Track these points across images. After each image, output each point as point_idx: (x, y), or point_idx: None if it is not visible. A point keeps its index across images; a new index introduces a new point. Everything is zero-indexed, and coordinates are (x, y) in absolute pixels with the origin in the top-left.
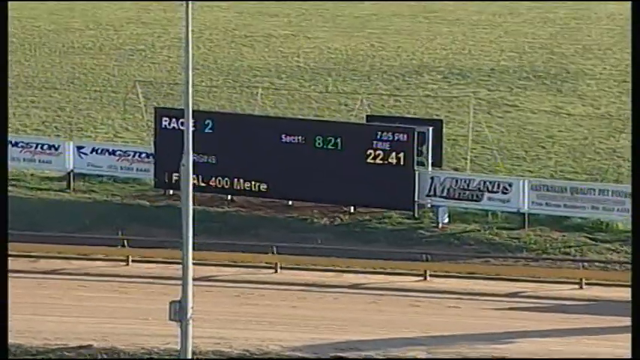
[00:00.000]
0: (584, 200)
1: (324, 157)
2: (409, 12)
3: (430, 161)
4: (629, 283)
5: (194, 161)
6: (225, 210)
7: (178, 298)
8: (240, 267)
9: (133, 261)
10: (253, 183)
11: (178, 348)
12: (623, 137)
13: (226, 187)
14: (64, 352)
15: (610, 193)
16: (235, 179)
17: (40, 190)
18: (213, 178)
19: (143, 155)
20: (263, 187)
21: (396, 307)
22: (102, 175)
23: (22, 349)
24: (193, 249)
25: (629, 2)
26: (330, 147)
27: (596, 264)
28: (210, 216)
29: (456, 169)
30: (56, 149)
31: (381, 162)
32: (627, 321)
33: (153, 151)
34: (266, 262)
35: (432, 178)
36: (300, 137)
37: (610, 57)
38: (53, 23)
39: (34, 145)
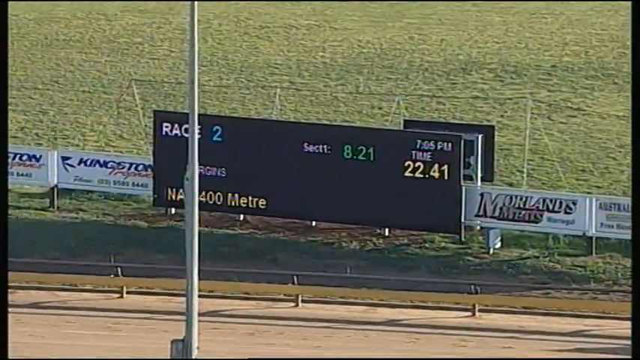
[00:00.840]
0: None
1: (354, 169)
2: None
3: (479, 175)
4: None
5: (200, 175)
6: (236, 232)
7: (181, 337)
8: (254, 299)
9: (128, 292)
10: (270, 200)
11: None
12: None
13: (238, 205)
14: None
15: None
16: (249, 196)
17: (19, 208)
18: (223, 195)
19: (140, 167)
20: (281, 205)
21: (439, 348)
22: (91, 191)
23: None
24: (199, 278)
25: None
26: (360, 158)
27: None
28: (220, 239)
29: (510, 185)
30: (37, 160)
31: (421, 176)
32: None
33: (152, 162)
34: (285, 294)
35: (482, 195)
36: (325, 146)
37: None
38: (34, 11)
39: (12, 156)
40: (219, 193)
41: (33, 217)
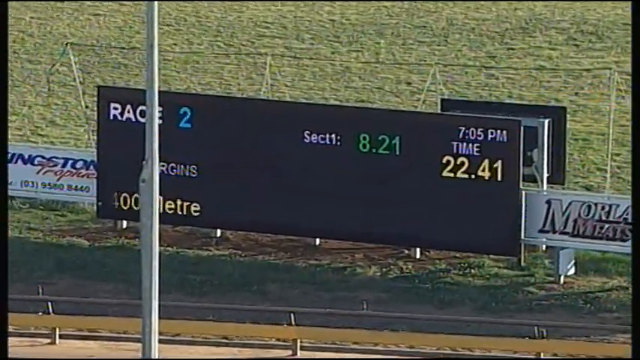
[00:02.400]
0: None
1: (373, 167)
2: None
3: (545, 175)
4: None
5: (162, 175)
6: (212, 253)
7: None
8: (236, 346)
9: (61, 336)
10: (257, 210)
11: None
12: None
13: (214, 216)
14: None
15: None
16: (228, 204)
17: None
18: (193, 203)
19: (79, 164)
20: (274, 216)
21: None
22: (12, 197)
23: None
24: (160, 316)
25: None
26: (382, 151)
27: None
28: (189, 263)
29: (587, 189)
30: None
31: (465, 176)
32: None
33: (95, 157)
34: (278, 339)
35: (549, 203)
36: (334, 136)
37: None
38: None
39: None
40: (188, 200)
41: None
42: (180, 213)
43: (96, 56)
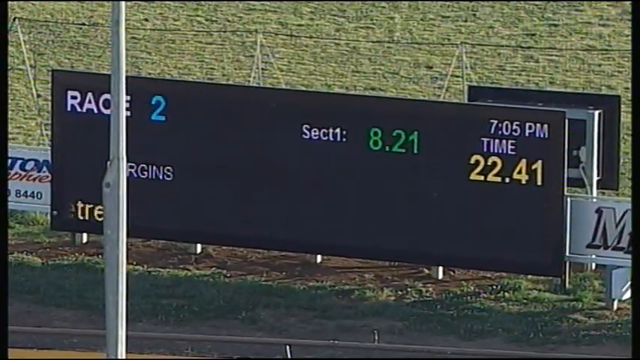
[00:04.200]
0: None
1: (386, 169)
2: None
3: (595, 178)
4: None
5: (130, 177)
6: (190, 273)
7: None
8: None
9: None
10: (246, 220)
11: None
12: None
13: (193, 228)
14: None
15: None
16: (210, 213)
17: None
18: (168, 211)
19: (30, 166)
20: (266, 228)
21: None
22: None
23: None
24: (128, 350)
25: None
26: (396, 149)
27: None
28: (163, 285)
29: None
30: None
31: (497, 179)
32: None
33: (49, 157)
34: None
35: (600, 212)
36: (339, 131)
37: None
38: None
39: None
40: (162, 209)
41: None
42: (151, 224)
43: (50, 34)
